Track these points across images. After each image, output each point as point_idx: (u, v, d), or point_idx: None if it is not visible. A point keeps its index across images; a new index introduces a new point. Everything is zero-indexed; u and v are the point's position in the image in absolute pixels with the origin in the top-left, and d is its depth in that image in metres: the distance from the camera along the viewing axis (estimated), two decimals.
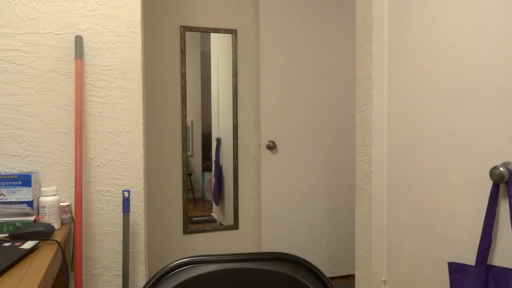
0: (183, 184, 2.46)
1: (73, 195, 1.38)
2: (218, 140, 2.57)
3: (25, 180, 1.28)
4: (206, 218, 2.58)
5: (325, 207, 2.62)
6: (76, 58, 1.38)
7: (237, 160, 2.57)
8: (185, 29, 2.42)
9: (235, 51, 2.52)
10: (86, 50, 1.42)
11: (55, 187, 1.32)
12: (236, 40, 2.53)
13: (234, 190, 2.57)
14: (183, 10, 2.43)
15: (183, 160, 2.45)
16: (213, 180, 2.59)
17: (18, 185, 1.28)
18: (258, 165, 2.59)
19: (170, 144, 2.42)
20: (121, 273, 1.45)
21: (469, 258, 1.05)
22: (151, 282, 0.69)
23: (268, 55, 2.47)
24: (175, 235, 2.46)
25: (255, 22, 2.56)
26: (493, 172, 0.97)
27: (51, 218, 1.27)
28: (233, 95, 2.53)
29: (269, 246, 2.53)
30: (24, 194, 1.28)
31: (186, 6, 2.43)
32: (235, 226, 2.59)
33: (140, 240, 1.50)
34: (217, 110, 2.56)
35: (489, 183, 1.01)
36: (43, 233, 1.15)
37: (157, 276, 0.70)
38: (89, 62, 1.43)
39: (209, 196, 2.59)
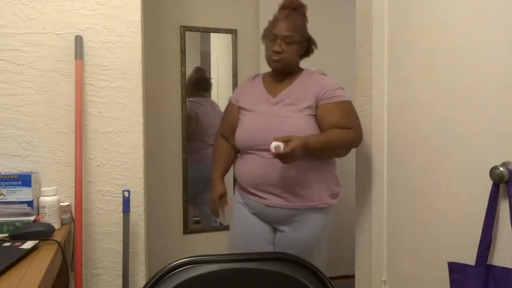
0: (183, 184, 2.46)
1: (73, 195, 1.38)
2: None
3: (25, 180, 1.28)
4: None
5: None
6: (76, 58, 1.38)
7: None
8: (185, 29, 2.42)
9: (235, 51, 2.52)
10: (86, 50, 1.42)
11: (55, 187, 1.32)
12: (236, 40, 2.53)
13: (234, 189, 2.56)
14: (183, 10, 2.42)
15: (183, 160, 2.45)
16: None
17: (18, 185, 1.28)
18: None
19: (170, 144, 2.42)
20: (121, 273, 1.45)
21: (469, 258, 1.05)
22: (151, 282, 0.69)
23: None
24: (175, 235, 2.46)
25: (255, 22, 2.56)
26: (493, 172, 0.97)
27: (51, 218, 1.27)
28: None
29: None
30: (24, 194, 1.28)
31: (186, 6, 2.43)
32: None
33: (140, 240, 1.50)
34: None
35: (489, 183, 1.00)
36: (43, 233, 1.15)
37: (157, 276, 0.70)
38: (89, 62, 1.43)
39: None
